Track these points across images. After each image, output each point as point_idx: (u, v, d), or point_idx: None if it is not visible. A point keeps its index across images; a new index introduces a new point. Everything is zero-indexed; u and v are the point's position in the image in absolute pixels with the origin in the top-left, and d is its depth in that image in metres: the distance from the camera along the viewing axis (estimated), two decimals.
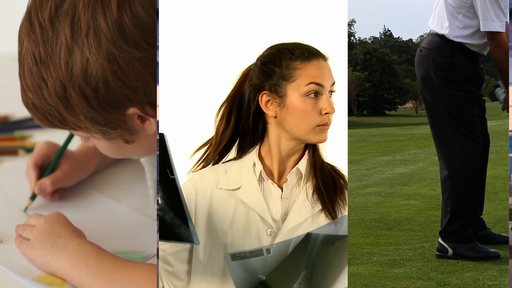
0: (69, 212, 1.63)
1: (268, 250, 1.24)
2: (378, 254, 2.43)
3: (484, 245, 2.32)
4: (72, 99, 1.37)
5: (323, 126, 1.36)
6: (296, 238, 1.25)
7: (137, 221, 1.73)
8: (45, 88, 1.38)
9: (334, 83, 1.37)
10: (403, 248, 2.49)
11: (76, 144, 1.84)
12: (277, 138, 1.39)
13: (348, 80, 5.87)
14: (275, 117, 1.38)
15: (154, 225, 1.70)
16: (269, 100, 1.37)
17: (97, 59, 1.33)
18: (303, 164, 1.39)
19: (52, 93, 1.37)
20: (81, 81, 1.35)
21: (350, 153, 5.64)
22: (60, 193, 1.82)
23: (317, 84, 1.35)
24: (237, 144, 1.43)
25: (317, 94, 1.35)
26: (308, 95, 1.35)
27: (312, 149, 1.40)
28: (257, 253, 1.25)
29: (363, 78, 22.83)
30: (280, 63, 1.37)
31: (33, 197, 1.78)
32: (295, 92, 1.35)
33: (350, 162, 4.61)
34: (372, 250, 2.49)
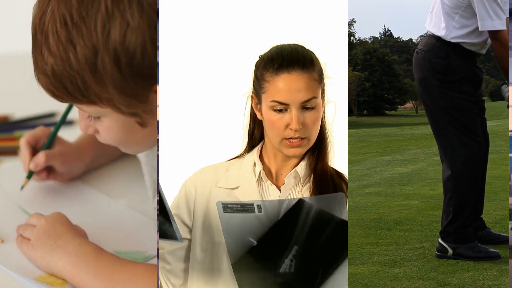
0: (70, 212, 1.62)
1: (259, 207, 1.22)
2: (378, 254, 2.43)
3: (484, 245, 2.32)
4: (102, 65, 1.32)
5: (289, 141, 1.32)
6: (288, 202, 1.23)
7: (139, 221, 1.73)
8: (73, 52, 1.33)
9: (310, 98, 1.32)
10: (403, 248, 2.49)
11: (74, 135, 1.85)
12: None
13: (348, 80, 5.87)
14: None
15: (155, 225, 1.69)
16: (256, 102, 1.38)
17: (138, 23, 1.30)
18: (301, 167, 1.38)
19: (80, 57, 1.32)
20: (118, 46, 1.31)
21: (350, 153, 5.64)
22: (53, 175, 1.81)
23: (280, 103, 1.32)
24: (247, 141, 1.43)
25: (282, 110, 1.32)
26: (273, 109, 1.33)
27: (316, 152, 1.38)
28: (248, 207, 1.23)
29: (363, 78, 22.84)
30: (257, 71, 1.36)
31: (30, 175, 1.78)
32: (265, 102, 1.34)
33: (350, 162, 4.61)
34: (372, 250, 2.49)
